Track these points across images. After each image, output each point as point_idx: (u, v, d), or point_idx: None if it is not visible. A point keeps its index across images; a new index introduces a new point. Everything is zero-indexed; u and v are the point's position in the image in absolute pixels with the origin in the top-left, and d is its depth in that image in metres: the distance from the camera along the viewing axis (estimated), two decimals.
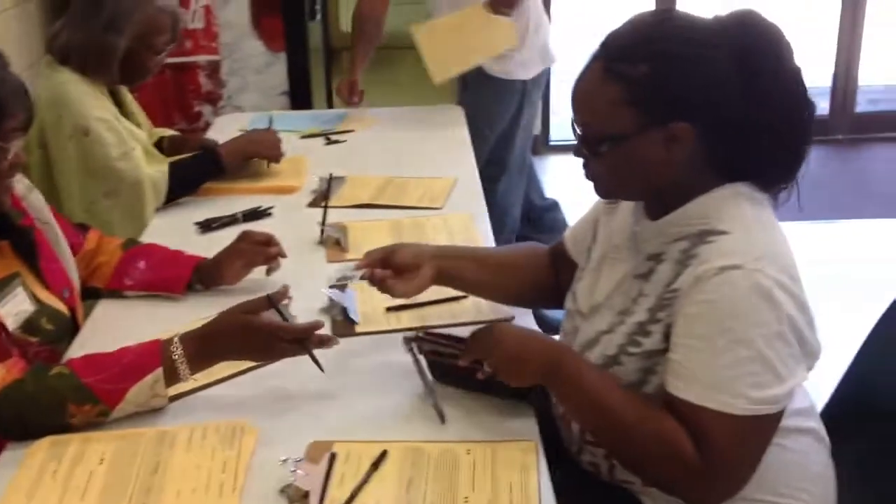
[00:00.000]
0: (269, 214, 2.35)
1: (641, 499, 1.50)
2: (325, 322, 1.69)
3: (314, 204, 2.41)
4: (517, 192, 3.59)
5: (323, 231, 2.19)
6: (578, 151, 1.44)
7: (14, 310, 1.63)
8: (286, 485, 1.34)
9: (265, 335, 1.54)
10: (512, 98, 3.40)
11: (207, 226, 2.28)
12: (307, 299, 1.82)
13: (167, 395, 1.53)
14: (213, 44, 3.94)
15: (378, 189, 2.48)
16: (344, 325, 1.79)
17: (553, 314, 1.75)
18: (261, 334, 1.54)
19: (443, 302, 1.84)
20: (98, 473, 1.39)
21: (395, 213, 2.34)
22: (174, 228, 2.31)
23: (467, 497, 1.32)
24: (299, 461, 1.36)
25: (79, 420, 1.48)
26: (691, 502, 1.39)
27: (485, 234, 2.20)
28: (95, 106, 2.40)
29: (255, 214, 2.34)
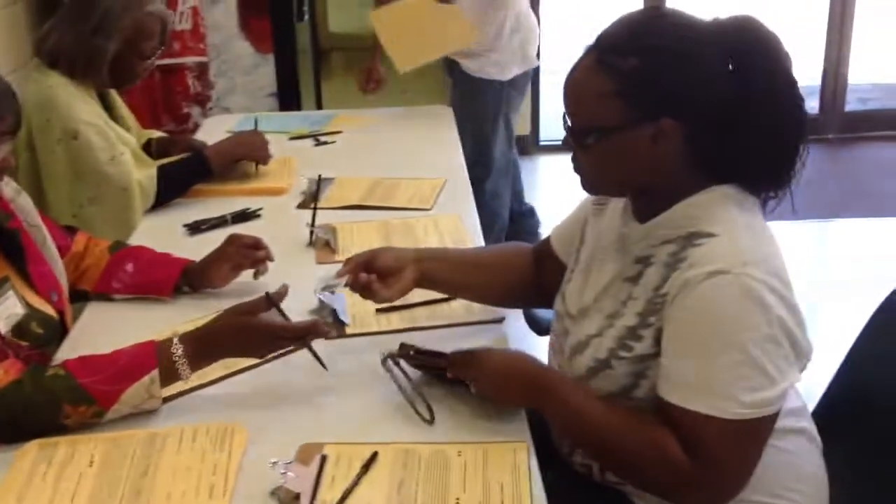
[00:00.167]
0: (258, 216, 2.35)
1: (633, 500, 1.50)
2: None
3: (303, 205, 2.41)
4: (504, 192, 3.61)
5: (312, 232, 2.18)
6: (566, 143, 1.44)
7: (5, 313, 1.62)
8: (277, 487, 1.34)
9: (266, 335, 1.55)
10: (489, 98, 3.44)
11: (196, 228, 2.28)
12: (297, 301, 1.80)
13: (161, 396, 1.52)
14: (201, 45, 3.94)
15: (367, 190, 2.48)
16: (334, 326, 1.78)
17: (544, 314, 1.75)
18: (261, 334, 1.55)
19: (433, 303, 1.84)
20: (88, 475, 1.39)
21: (384, 215, 2.33)
22: (163, 230, 2.30)
23: (458, 498, 1.32)
24: (290, 463, 1.35)
25: (73, 421, 1.47)
26: None
27: (474, 235, 2.20)
28: (84, 110, 2.39)
29: (243, 216, 2.33)
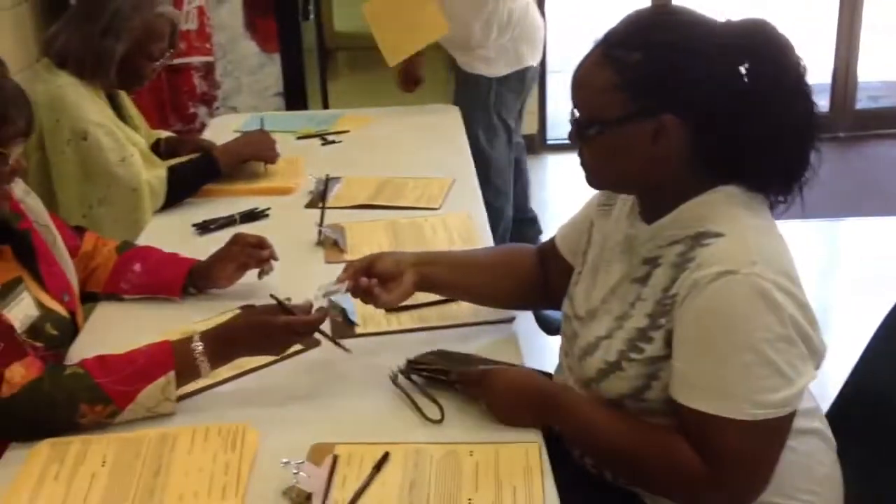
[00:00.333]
0: (266, 216, 2.35)
1: (646, 501, 1.50)
2: (325, 324, 1.68)
3: (311, 205, 2.40)
4: (506, 189, 3.61)
5: (321, 232, 2.18)
6: (571, 136, 1.44)
7: (20, 314, 1.62)
8: (289, 487, 1.34)
9: (283, 331, 1.57)
10: (477, 93, 3.45)
11: (205, 227, 2.28)
12: (313, 296, 1.80)
13: (175, 399, 1.53)
14: (207, 45, 3.94)
15: (375, 189, 2.47)
16: (344, 326, 1.79)
17: (554, 314, 1.75)
18: (278, 331, 1.57)
19: (442, 303, 1.83)
20: (100, 475, 1.39)
21: (392, 214, 2.33)
22: (172, 230, 2.30)
23: (471, 498, 1.32)
24: (301, 463, 1.35)
25: (88, 420, 1.48)
26: None
27: (483, 234, 2.19)
28: (93, 110, 2.39)
29: (252, 216, 2.33)
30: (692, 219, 1.39)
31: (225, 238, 2.01)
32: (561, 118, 1.56)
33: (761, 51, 1.36)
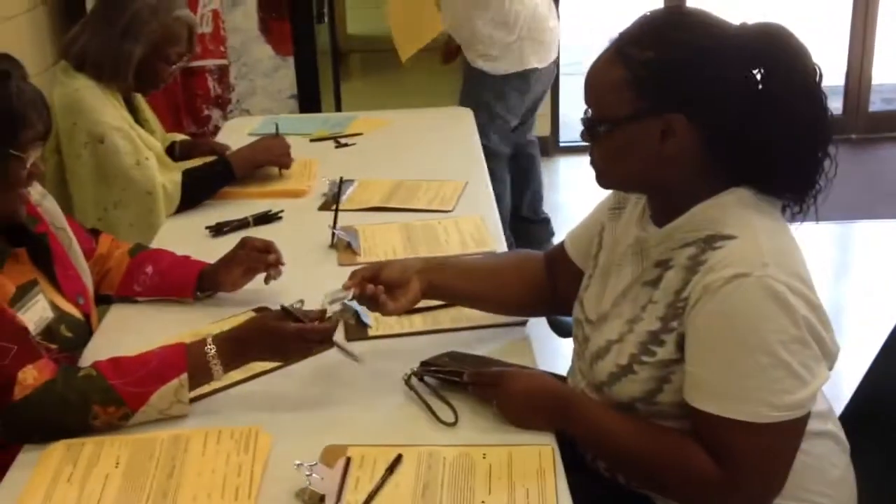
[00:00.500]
0: (280, 218, 2.35)
1: None
2: (338, 326, 1.68)
3: (325, 207, 2.41)
4: (504, 176, 3.64)
5: (334, 234, 2.18)
6: (582, 135, 1.44)
7: (34, 317, 1.63)
8: (301, 489, 1.34)
9: (295, 339, 1.56)
10: (477, 87, 3.54)
11: (219, 229, 2.28)
12: (320, 302, 1.81)
13: (188, 402, 1.53)
14: (222, 48, 3.96)
15: (388, 192, 2.48)
16: (357, 329, 1.79)
17: (567, 318, 1.74)
18: (290, 339, 1.56)
19: (455, 305, 1.83)
20: (114, 476, 1.40)
21: (406, 216, 2.33)
22: (186, 232, 2.32)
23: (484, 501, 1.32)
24: (314, 465, 1.36)
25: (101, 422, 1.49)
26: None
27: (496, 237, 2.19)
28: (111, 114, 2.41)
29: (265, 218, 2.34)
30: (704, 221, 1.39)
31: (238, 240, 2.01)
32: (574, 120, 1.56)
33: (776, 56, 1.36)
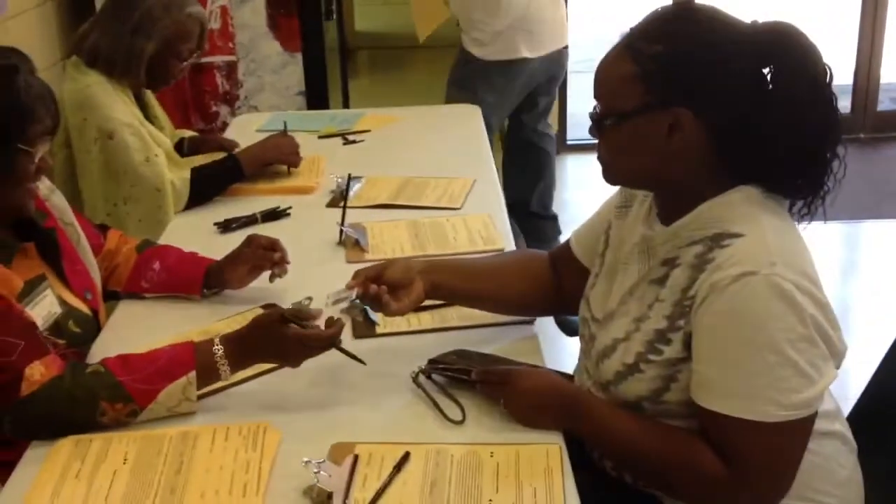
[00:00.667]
0: (288, 215, 2.35)
1: (666, 503, 1.49)
2: (346, 323, 1.68)
3: (333, 204, 2.41)
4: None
5: (342, 231, 2.18)
6: (591, 130, 1.44)
7: (42, 312, 1.63)
8: (309, 486, 1.34)
9: (297, 346, 1.56)
10: (465, 68, 3.58)
11: (227, 226, 2.29)
12: (324, 304, 1.81)
13: (196, 400, 1.53)
14: (230, 44, 3.95)
15: (396, 189, 2.48)
16: (365, 326, 1.79)
17: (575, 318, 1.74)
18: (293, 345, 1.56)
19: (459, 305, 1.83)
20: (122, 472, 1.40)
21: (413, 214, 2.33)
22: (194, 228, 2.32)
23: (491, 499, 1.32)
24: (322, 462, 1.36)
25: (109, 418, 1.49)
26: None
27: (504, 235, 2.19)
28: (121, 110, 2.41)
29: (273, 215, 2.34)
30: (711, 219, 1.39)
31: (246, 237, 2.01)
32: (582, 118, 1.56)
33: (786, 55, 1.36)
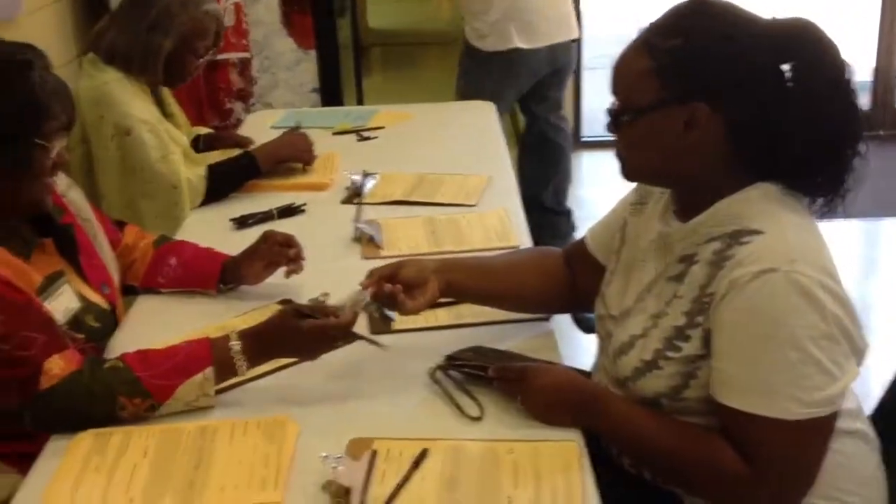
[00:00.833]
0: (303, 211, 2.36)
1: (685, 501, 1.49)
2: (362, 319, 1.69)
3: (347, 201, 2.41)
4: None
5: (357, 228, 2.18)
6: (608, 126, 1.44)
7: (61, 307, 1.64)
8: (328, 481, 1.34)
9: (316, 337, 1.56)
10: (469, 63, 3.65)
11: (243, 222, 2.29)
12: (344, 295, 1.81)
13: (214, 395, 1.53)
14: (244, 41, 3.95)
15: (411, 186, 2.48)
16: (381, 322, 1.79)
17: (592, 315, 1.74)
18: (312, 337, 1.56)
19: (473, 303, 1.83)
20: (142, 466, 1.41)
21: (429, 210, 2.33)
22: (211, 224, 2.32)
23: (510, 496, 1.32)
24: (340, 458, 1.36)
25: (128, 413, 1.49)
26: None
27: (520, 231, 2.19)
28: (138, 107, 2.42)
29: (289, 211, 2.34)
30: (729, 216, 1.38)
31: (261, 233, 2.02)
32: (598, 115, 1.55)
33: (806, 51, 1.35)
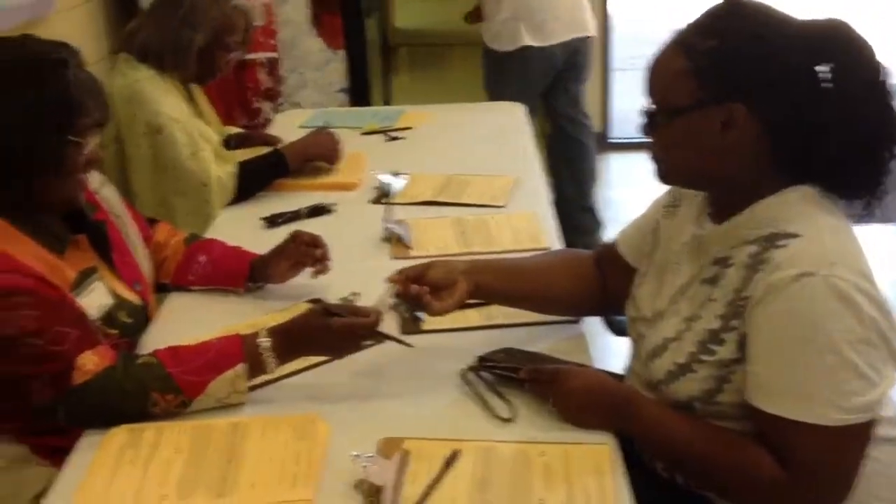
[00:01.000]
0: (332, 211, 2.36)
1: None
2: (393, 320, 1.69)
3: (376, 201, 2.41)
4: None
5: (387, 228, 2.18)
6: (643, 128, 1.43)
7: (94, 303, 1.65)
8: (359, 480, 1.35)
9: (340, 335, 1.57)
10: (487, 64, 3.76)
11: (273, 221, 2.30)
12: (374, 295, 1.81)
13: (246, 391, 1.54)
14: (272, 41, 3.97)
15: (440, 186, 2.47)
16: (411, 322, 1.79)
17: (623, 318, 1.73)
18: (336, 334, 1.57)
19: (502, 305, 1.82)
20: (175, 461, 1.41)
21: (458, 211, 2.33)
22: (241, 222, 2.33)
23: (542, 499, 1.31)
24: (371, 457, 1.36)
25: (160, 409, 1.50)
26: None
27: (550, 233, 2.18)
28: (170, 104, 2.44)
29: (318, 210, 2.35)
30: (765, 219, 1.37)
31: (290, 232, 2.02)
32: (625, 117, 1.54)
33: (841, 52, 1.34)
